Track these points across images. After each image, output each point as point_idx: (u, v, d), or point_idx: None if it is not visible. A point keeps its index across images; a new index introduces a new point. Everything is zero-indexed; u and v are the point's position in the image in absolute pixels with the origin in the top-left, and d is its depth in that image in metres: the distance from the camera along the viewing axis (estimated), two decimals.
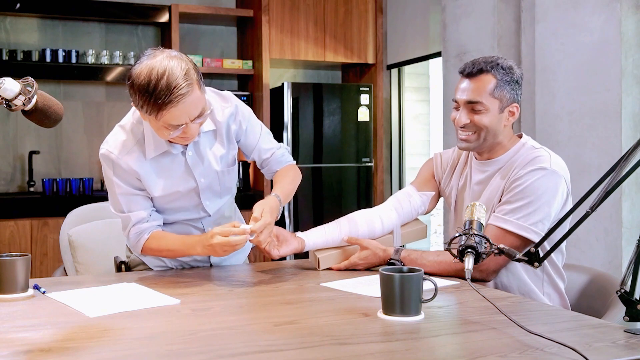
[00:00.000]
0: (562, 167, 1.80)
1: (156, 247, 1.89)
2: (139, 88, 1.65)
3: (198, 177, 1.91)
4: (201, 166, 1.91)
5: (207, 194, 1.96)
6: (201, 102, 1.70)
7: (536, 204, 1.75)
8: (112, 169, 1.86)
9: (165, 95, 1.63)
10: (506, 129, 1.88)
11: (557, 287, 1.85)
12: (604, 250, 2.77)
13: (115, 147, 1.86)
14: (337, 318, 1.39)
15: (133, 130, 1.87)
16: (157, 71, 1.64)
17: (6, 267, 1.54)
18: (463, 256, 1.41)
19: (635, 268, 1.22)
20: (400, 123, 5.06)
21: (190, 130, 1.72)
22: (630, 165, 1.27)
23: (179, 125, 1.69)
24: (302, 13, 4.77)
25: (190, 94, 1.66)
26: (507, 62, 1.85)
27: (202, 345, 1.20)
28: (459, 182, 2.01)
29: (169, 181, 1.88)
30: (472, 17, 3.60)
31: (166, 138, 1.76)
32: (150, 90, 1.63)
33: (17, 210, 4.09)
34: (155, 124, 1.72)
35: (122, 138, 1.87)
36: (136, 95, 1.67)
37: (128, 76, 1.70)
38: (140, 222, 1.88)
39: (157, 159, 1.86)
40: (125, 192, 1.88)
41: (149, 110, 1.66)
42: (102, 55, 4.51)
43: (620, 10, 2.70)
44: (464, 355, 1.15)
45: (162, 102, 1.63)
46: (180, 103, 1.64)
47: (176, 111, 1.65)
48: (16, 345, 1.19)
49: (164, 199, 1.91)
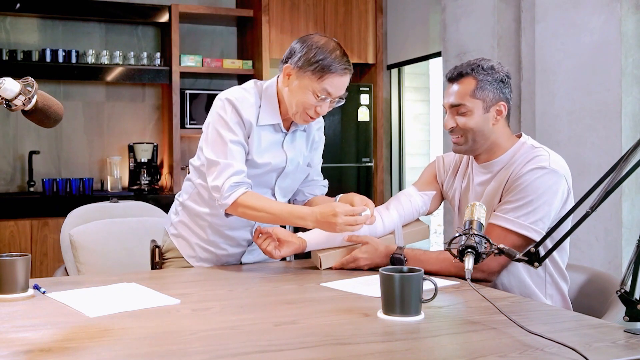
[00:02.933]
0: (562, 166, 1.81)
1: (253, 204, 1.85)
2: (318, 47, 1.85)
3: (289, 160, 2.00)
4: (292, 152, 2.02)
5: (283, 180, 2.03)
6: (346, 86, 1.90)
7: (536, 202, 1.75)
8: (231, 114, 1.91)
9: (339, 63, 1.84)
10: (497, 128, 1.88)
11: (560, 289, 1.85)
12: (604, 250, 2.77)
13: (238, 97, 1.93)
14: (337, 318, 1.39)
15: (255, 95, 1.96)
16: (335, 42, 1.89)
17: (6, 267, 1.54)
18: (463, 256, 1.41)
19: (635, 268, 1.22)
20: (400, 123, 5.06)
21: (325, 107, 1.90)
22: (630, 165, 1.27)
23: (326, 97, 1.86)
24: (302, 13, 4.77)
25: (351, 74, 1.89)
26: (489, 62, 1.87)
27: (202, 345, 1.20)
28: (462, 184, 2.01)
29: (266, 152, 1.96)
30: (472, 17, 3.60)
31: (307, 105, 1.87)
32: (329, 52, 1.84)
33: (17, 210, 4.09)
34: (308, 85, 1.86)
35: (244, 94, 1.95)
36: (311, 52, 1.85)
37: (304, 39, 1.91)
38: (240, 173, 1.88)
39: (264, 128, 1.95)
40: (236, 140, 1.90)
41: (318, 69, 1.83)
42: (102, 55, 4.51)
43: (620, 10, 2.70)
44: (464, 355, 1.15)
45: (334, 67, 1.83)
46: (344, 75, 1.87)
47: (339, 80, 1.86)
48: (16, 345, 1.19)
49: (255, 167, 1.94)
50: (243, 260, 2.11)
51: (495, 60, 1.92)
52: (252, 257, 2.12)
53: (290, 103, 1.92)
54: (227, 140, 1.88)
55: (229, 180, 1.85)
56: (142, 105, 4.87)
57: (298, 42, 1.92)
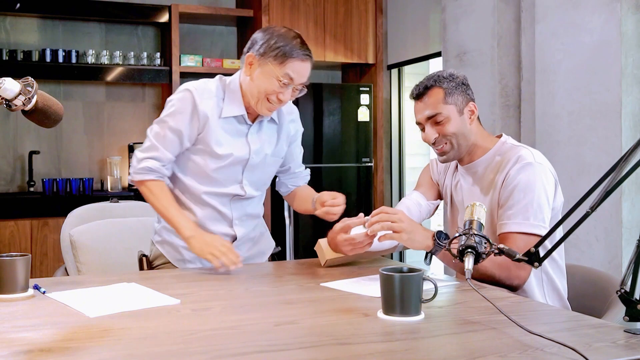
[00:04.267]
0: (544, 160, 1.86)
1: (154, 191, 1.96)
2: (279, 35, 1.91)
3: (252, 151, 2.03)
4: (257, 144, 2.04)
5: (250, 173, 2.04)
6: (308, 75, 1.95)
7: (536, 200, 1.78)
8: (185, 103, 1.96)
9: (300, 49, 1.90)
10: (474, 127, 1.94)
11: (557, 287, 1.85)
12: (604, 250, 2.77)
13: (200, 88, 1.99)
14: (337, 318, 1.39)
15: (218, 87, 2.03)
16: (296, 32, 1.95)
17: (6, 267, 1.54)
18: (463, 256, 1.41)
19: (635, 268, 1.22)
20: (400, 123, 5.06)
21: (287, 94, 1.93)
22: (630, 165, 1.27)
23: (289, 83, 1.90)
24: (302, 13, 4.77)
25: (311, 61, 1.94)
26: (446, 71, 1.95)
27: (202, 345, 1.20)
28: (452, 182, 2.06)
29: (228, 144, 1.99)
30: (472, 17, 3.60)
31: (270, 91, 1.91)
32: (289, 39, 1.90)
33: (17, 210, 4.09)
34: (270, 71, 1.90)
35: (208, 86, 2.01)
36: (272, 40, 1.90)
37: (264, 29, 1.96)
38: (160, 160, 1.97)
39: (227, 120, 2.00)
40: (175, 128, 1.96)
41: (279, 54, 1.88)
42: (102, 55, 4.51)
43: (620, 10, 2.70)
44: (464, 355, 1.15)
45: (295, 53, 1.89)
46: (306, 61, 1.92)
47: (300, 66, 1.91)
48: (16, 345, 1.19)
49: (217, 158, 1.98)
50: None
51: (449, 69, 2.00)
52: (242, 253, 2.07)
53: (252, 91, 1.95)
54: (167, 126, 1.97)
55: (146, 161, 1.97)
56: (142, 105, 4.87)
57: (259, 32, 1.97)
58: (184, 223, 1.95)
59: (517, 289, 1.75)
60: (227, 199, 2.05)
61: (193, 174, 2.03)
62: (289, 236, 4.63)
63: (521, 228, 1.76)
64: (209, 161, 1.99)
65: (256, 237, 2.18)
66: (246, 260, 2.12)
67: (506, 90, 3.44)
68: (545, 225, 1.77)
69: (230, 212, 2.06)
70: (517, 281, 1.73)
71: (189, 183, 2.03)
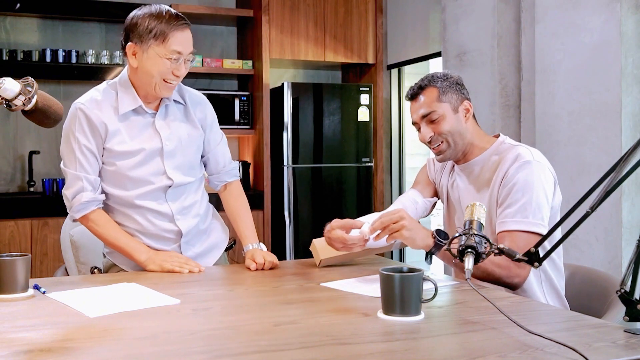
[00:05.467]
0: (543, 158, 1.87)
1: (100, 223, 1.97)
2: (150, 15, 1.89)
3: (164, 138, 1.99)
4: (167, 130, 2.00)
5: (171, 160, 2.00)
6: (192, 42, 1.96)
7: (535, 198, 1.78)
8: (78, 122, 1.94)
9: (175, 20, 1.90)
10: (469, 126, 1.94)
11: (555, 286, 1.85)
12: (604, 250, 2.78)
13: (87, 101, 1.96)
14: (337, 318, 1.39)
15: (106, 90, 1.99)
16: (162, 6, 1.94)
17: (6, 267, 1.54)
18: (463, 256, 1.41)
19: (635, 268, 1.22)
20: (400, 123, 5.06)
21: (181, 68, 1.92)
22: (630, 165, 1.27)
23: (178, 58, 1.89)
24: (302, 13, 4.77)
25: (189, 28, 1.95)
26: (440, 72, 1.97)
27: (202, 345, 1.20)
28: (449, 181, 2.06)
29: (136, 139, 1.97)
30: (472, 17, 3.60)
31: (164, 71, 1.89)
32: (162, 15, 1.89)
33: (17, 210, 4.09)
34: (158, 52, 1.88)
35: (94, 95, 1.98)
36: (145, 22, 1.88)
37: (131, 16, 1.93)
38: (87, 189, 1.94)
39: (127, 115, 1.97)
40: (83, 146, 1.94)
41: (158, 33, 1.87)
42: (102, 55, 4.51)
43: (620, 10, 2.70)
44: (464, 355, 1.15)
45: (172, 25, 1.89)
46: (185, 30, 1.92)
47: (182, 36, 1.90)
48: (16, 345, 1.19)
49: (129, 159, 1.95)
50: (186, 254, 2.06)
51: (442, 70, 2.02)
52: (194, 248, 2.09)
53: (147, 78, 1.92)
54: (75, 148, 1.94)
55: (79, 196, 1.94)
56: None
57: (128, 21, 1.94)
58: (137, 248, 1.97)
59: (517, 287, 1.75)
60: (161, 195, 2.01)
61: (116, 183, 1.99)
62: (288, 236, 4.63)
63: (520, 226, 1.76)
64: (121, 163, 1.95)
65: (207, 230, 2.14)
66: (199, 255, 2.10)
67: (506, 90, 3.44)
68: (544, 223, 1.77)
69: (169, 208, 2.01)
70: (517, 279, 1.73)
71: (118, 194, 1.99)
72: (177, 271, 1.92)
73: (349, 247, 1.87)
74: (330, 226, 1.90)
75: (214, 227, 2.18)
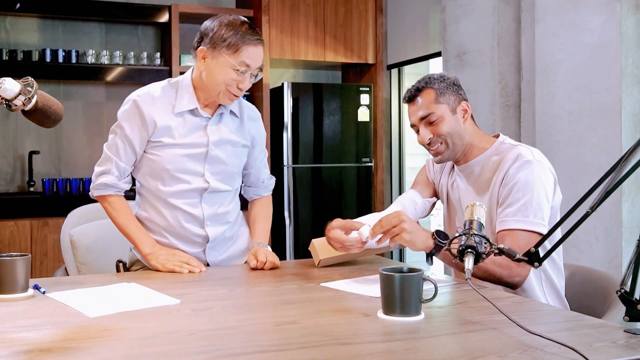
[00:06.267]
0: (543, 158, 1.87)
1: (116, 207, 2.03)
2: (228, 24, 1.92)
3: (211, 143, 2.02)
4: (217, 136, 2.03)
5: (212, 165, 2.03)
6: (262, 58, 1.97)
7: (536, 198, 1.78)
8: (128, 112, 2.00)
9: (250, 34, 1.92)
10: (468, 126, 1.95)
11: (555, 285, 1.86)
12: (604, 250, 2.78)
13: (143, 94, 2.01)
14: (337, 318, 1.39)
15: (165, 88, 2.04)
16: (241, 18, 1.97)
17: (6, 267, 1.54)
18: (463, 256, 1.41)
19: (635, 268, 1.22)
20: (400, 123, 5.06)
21: (246, 81, 1.94)
22: (630, 165, 1.27)
23: (245, 70, 1.91)
24: (302, 13, 4.77)
25: (263, 45, 1.96)
26: (437, 73, 1.98)
27: (202, 345, 1.20)
28: (448, 181, 2.06)
29: (185, 137, 2.00)
30: (472, 17, 3.60)
31: (229, 81, 1.92)
32: (238, 27, 1.92)
33: (17, 210, 4.09)
34: (226, 62, 1.91)
35: (152, 90, 2.02)
36: (222, 30, 1.91)
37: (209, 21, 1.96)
38: (114, 174, 2.01)
39: (182, 114, 2.00)
40: (124, 136, 2.00)
41: (232, 43, 1.90)
42: (102, 55, 4.51)
43: (620, 10, 2.70)
44: (464, 355, 1.15)
45: (247, 38, 1.91)
46: (258, 46, 1.94)
47: (254, 51, 1.92)
48: (16, 345, 1.19)
49: (173, 152, 1.98)
50: (208, 259, 2.09)
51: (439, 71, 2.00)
52: (218, 254, 2.10)
53: (213, 84, 1.95)
54: (118, 133, 2.02)
55: (103, 177, 2.02)
56: None
57: (206, 24, 1.97)
58: (144, 240, 2.01)
59: (517, 286, 1.75)
60: (196, 198, 2.02)
61: (155, 175, 2.01)
62: (289, 236, 4.64)
63: (521, 225, 1.76)
64: (164, 154, 1.98)
65: (234, 237, 2.15)
66: (225, 261, 2.12)
67: (506, 90, 3.44)
68: (544, 223, 1.77)
69: (201, 213, 2.03)
70: (518, 279, 1.73)
71: (155, 187, 2.02)
72: (177, 271, 1.92)
73: (346, 248, 1.87)
74: (330, 225, 1.90)
75: (240, 234, 2.20)
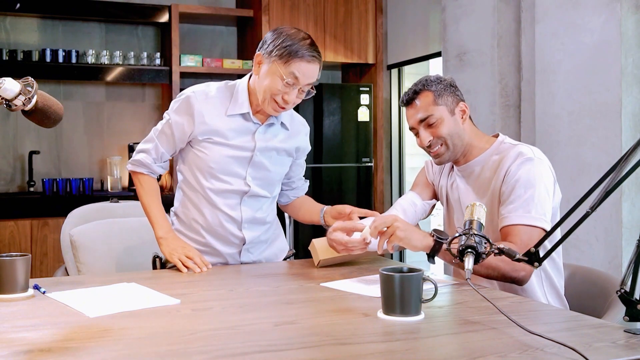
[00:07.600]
0: (543, 156, 1.88)
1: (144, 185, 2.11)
2: (288, 34, 1.92)
3: (257, 149, 2.03)
4: (263, 143, 2.05)
5: (254, 170, 2.05)
6: (316, 77, 1.96)
7: (538, 194, 1.78)
8: (180, 104, 2.04)
9: (306, 49, 1.90)
10: (467, 127, 1.95)
11: (555, 285, 1.86)
12: (604, 250, 2.78)
13: (199, 91, 2.05)
14: (337, 318, 1.39)
15: (221, 88, 2.07)
16: (305, 33, 1.96)
17: (6, 267, 1.54)
18: (463, 256, 1.41)
19: (635, 268, 1.22)
20: (400, 123, 5.06)
21: (292, 95, 1.93)
22: (630, 165, 1.27)
23: (293, 83, 1.90)
24: (302, 13, 4.77)
25: (320, 63, 1.95)
26: (433, 75, 1.99)
27: (202, 345, 1.20)
28: (448, 182, 2.06)
29: (233, 138, 2.02)
30: (472, 17, 3.60)
31: (275, 90, 1.91)
32: (298, 39, 1.91)
33: (17, 210, 4.09)
34: (275, 70, 1.90)
35: (208, 89, 2.06)
36: (281, 39, 1.90)
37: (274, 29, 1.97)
38: (152, 155, 2.08)
39: (234, 118, 2.02)
40: (170, 124, 2.04)
41: (285, 53, 1.88)
42: (102, 55, 4.51)
43: (620, 10, 2.70)
44: (464, 355, 1.15)
45: (301, 52, 1.89)
46: (312, 62, 1.92)
47: (306, 66, 1.90)
48: (16, 345, 1.19)
49: (220, 151, 2.01)
50: (242, 259, 2.12)
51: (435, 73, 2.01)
52: (252, 256, 2.13)
53: (260, 90, 1.96)
54: (165, 120, 2.07)
55: (140, 155, 2.09)
56: (142, 105, 4.87)
57: (270, 32, 1.98)
58: (161, 223, 2.05)
59: (523, 281, 1.74)
60: (235, 200, 2.05)
61: (200, 170, 2.04)
62: (289, 236, 4.63)
63: (523, 220, 1.76)
64: (211, 151, 2.01)
65: (269, 240, 2.19)
66: (258, 260, 2.16)
67: (506, 90, 3.44)
68: (546, 219, 1.77)
69: (239, 215, 2.06)
70: (522, 273, 1.72)
71: (199, 182, 2.05)
72: (177, 267, 1.94)
73: (349, 249, 1.87)
74: (331, 228, 1.90)
75: (275, 236, 2.22)
